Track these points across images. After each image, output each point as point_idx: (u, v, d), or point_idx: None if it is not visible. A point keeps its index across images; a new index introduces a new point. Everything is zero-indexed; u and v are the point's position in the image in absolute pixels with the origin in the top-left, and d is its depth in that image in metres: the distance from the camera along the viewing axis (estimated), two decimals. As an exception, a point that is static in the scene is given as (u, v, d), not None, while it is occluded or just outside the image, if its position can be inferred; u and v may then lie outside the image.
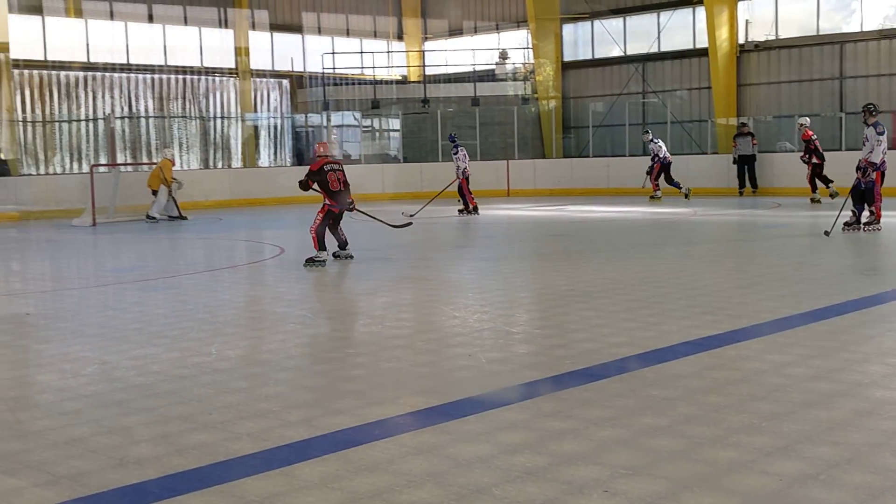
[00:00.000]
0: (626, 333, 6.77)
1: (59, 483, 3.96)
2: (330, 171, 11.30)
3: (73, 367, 6.19)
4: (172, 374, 5.91)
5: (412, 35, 33.71)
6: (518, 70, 31.31)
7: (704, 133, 26.86)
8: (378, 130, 30.78)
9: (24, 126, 25.41)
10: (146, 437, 4.56)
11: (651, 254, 12.39)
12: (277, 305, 8.88)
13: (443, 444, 4.33)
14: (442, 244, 14.81)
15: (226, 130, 29.35)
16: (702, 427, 4.50)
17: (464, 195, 19.39)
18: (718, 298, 8.49)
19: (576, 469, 3.94)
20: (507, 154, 27.75)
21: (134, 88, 27.37)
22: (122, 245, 15.72)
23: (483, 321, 7.62)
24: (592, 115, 28.95)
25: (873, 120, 13.46)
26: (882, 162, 13.42)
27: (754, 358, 6.02)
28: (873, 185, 13.41)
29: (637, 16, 28.78)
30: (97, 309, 8.92)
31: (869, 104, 13.75)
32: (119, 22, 27.06)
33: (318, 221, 11.25)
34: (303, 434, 4.55)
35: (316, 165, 11.40)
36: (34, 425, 4.92)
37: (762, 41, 26.09)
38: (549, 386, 5.43)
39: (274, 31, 30.40)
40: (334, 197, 11.32)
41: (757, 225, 16.53)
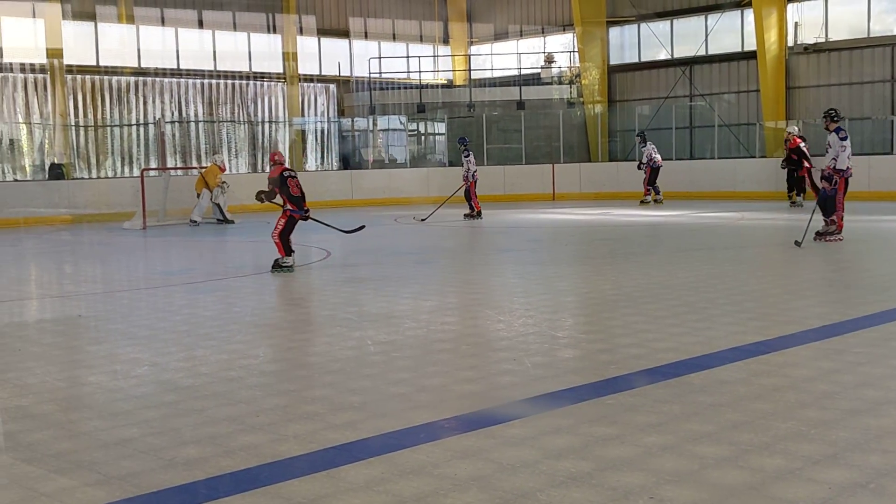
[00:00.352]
0: (672, 339, 6.72)
1: (109, 483, 4.03)
2: (289, 178, 11.47)
3: (123, 368, 6.30)
4: (220, 375, 5.98)
5: (458, 39, 33.76)
6: (564, 74, 31.22)
7: (752, 137, 26.58)
8: (423, 134, 30.87)
9: (76, 131, 25.87)
10: (195, 439, 4.63)
11: (698, 258, 12.29)
12: (323, 308, 8.94)
13: (487, 448, 4.34)
14: (487, 248, 14.81)
15: (274, 135, 29.62)
16: (749, 434, 4.46)
17: (469, 199, 19.39)
18: (766, 304, 8.41)
19: (621, 475, 3.93)
20: (552, 158, 27.70)
21: (184, 93, 27.72)
22: (172, 248, 15.94)
23: (528, 325, 7.62)
24: (638, 118, 28.78)
25: (835, 126, 13.09)
26: (847, 168, 13.06)
27: (802, 364, 5.95)
28: (835, 194, 13.07)
29: (684, 18, 28.56)
30: (147, 311, 9.05)
31: (830, 109, 13.36)
32: (170, 28, 27.43)
33: (280, 227, 11.30)
34: (349, 437, 4.59)
35: (275, 173, 11.57)
36: (85, 426, 5.01)
37: (812, 44, 25.75)
38: (594, 391, 5.42)
39: (321, 36, 30.63)
40: (296, 202, 11.43)
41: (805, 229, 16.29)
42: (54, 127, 25.12)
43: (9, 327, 8.40)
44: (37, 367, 6.45)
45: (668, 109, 28.11)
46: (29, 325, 8.67)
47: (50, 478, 4.12)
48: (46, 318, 9.08)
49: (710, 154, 26.73)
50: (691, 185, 25.15)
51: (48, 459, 4.37)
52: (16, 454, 4.47)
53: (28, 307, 9.81)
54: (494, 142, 28.56)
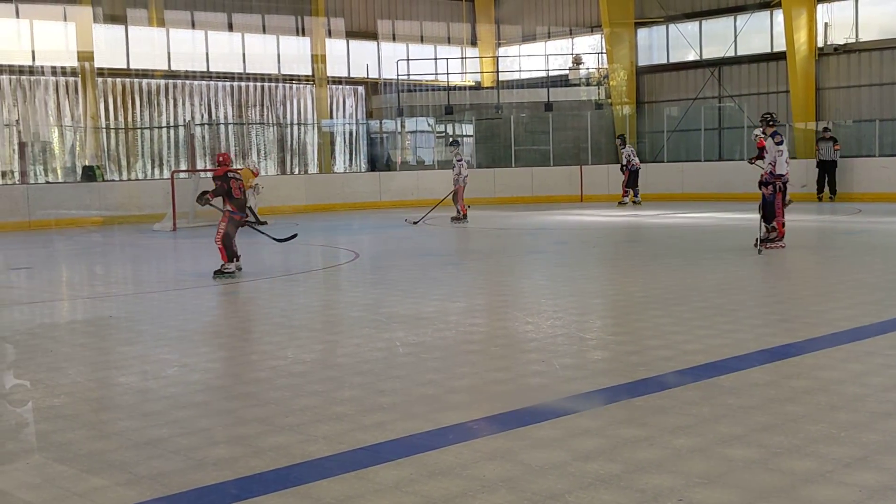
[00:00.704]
0: (701, 341, 6.69)
1: (139, 482, 4.07)
2: (232, 179, 11.40)
3: (153, 369, 6.35)
4: (250, 376, 6.02)
5: (486, 41, 33.76)
6: (592, 75, 31.13)
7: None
8: (451, 136, 30.89)
9: (107, 133, 26.12)
10: (224, 439, 4.66)
11: (727, 260, 12.21)
12: (352, 310, 8.98)
13: (516, 449, 4.34)
14: (515, 250, 14.80)
15: (302, 137, 29.76)
16: (779, 436, 4.43)
17: (456, 202, 19.39)
18: (795, 306, 8.35)
19: (650, 477, 3.92)
20: (580, 159, 27.62)
21: (214, 96, 27.91)
22: (202, 249, 16.04)
23: (557, 327, 7.61)
24: (667, 119, 28.64)
25: (771, 130, 12.94)
26: (786, 174, 12.88)
27: (832, 367, 5.90)
28: (774, 199, 12.91)
29: (713, 19, 28.39)
30: (177, 312, 9.12)
31: (767, 114, 13.22)
32: (200, 31, 27.63)
33: (222, 231, 11.09)
34: (378, 437, 4.60)
35: (220, 172, 11.55)
36: (116, 426, 5.06)
37: (842, 44, 25.51)
38: (622, 393, 5.40)
39: (350, 39, 30.74)
40: (236, 203, 11.35)
41: (836, 231, 16.18)
42: (85, 129, 25.39)
43: (41, 328, 8.50)
44: (69, 367, 6.52)
45: (696, 110, 27.96)
46: (61, 326, 8.77)
47: (82, 477, 4.17)
48: (78, 320, 9.18)
49: (740, 155, 26.55)
50: (721, 187, 24.98)
51: (80, 459, 4.42)
52: (48, 454, 4.53)
53: (60, 308, 9.91)
54: (522, 143, 28.52)
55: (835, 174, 22.68)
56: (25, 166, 24.11)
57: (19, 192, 21.15)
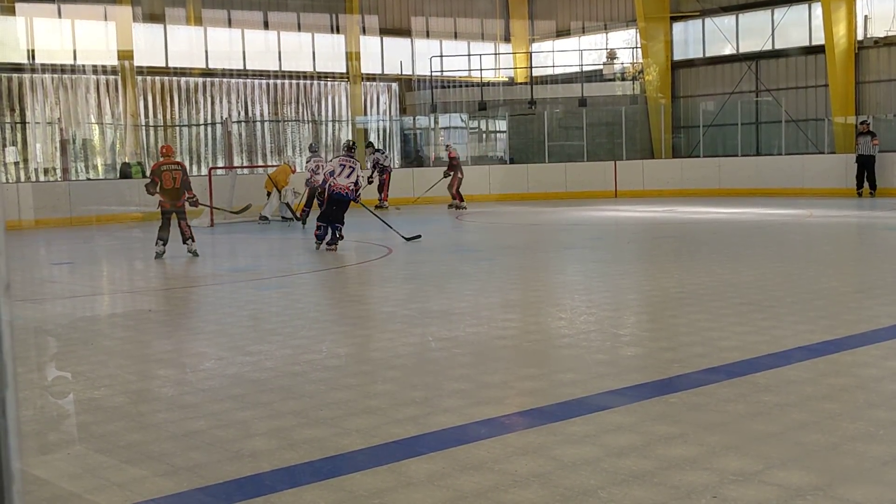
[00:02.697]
0: (737, 337, 6.64)
1: (177, 474, 4.13)
2: (165, 171, 12.94)
3: (191, 362, 6.43)
4: (285, 370, 6.07)
5: (519, 37, 33.67)
6: (626, 70, 30.96)
7: (821, 132, 26.08)
8: (485, 132, 30.86)
9: (146, 130, 26.40)
10: (260, 431, 4.71)
11: (764, 256, 12.11)
12: (385, 305, 9.01)
13: (549, 444, 4.35)
14: (548, 245, 14.77)
15: (337, 133, 29.88)
16: (816, 434, 4.39)
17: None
18: (835, 302, 8.26)
19: (684, 474, 3.91)
20: (614, 155, 27.47)
21: (250, 93, 28.10)
22: (238, 245, 16.18)
23: (590, 323, 7.59)
24: (703, 114, 28.40)
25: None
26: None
27: (872, 364, 5.84)
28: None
29: (750, 13, 28.12)
30: (214, 307, 9.21)
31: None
32: (236, 29, 27.82)
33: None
34: (410, 431, 4.63)
35: (156, 165, 13.17)
36: (155, 418, 5.13)
37: (882, 37, 25.15)
38: (656, 389, 5.38)
39: (384, 36, 30.80)
40: (164, 194, 12.92)
41: (876, 227, 15.98)
42: (125, 127, 25.67)
43: (82, 321, 8.62)
44: (108, 360, 6.62)
45: (733, 105, 27.70)
46: (101, 319, 8.89)
47: (121, 468, 4.23)
48: (118, 313, 9.30)
49: (777, 150, 26.29)
50: (758, 182, 24.75)
51: (119, 450, 4.48)
52: (88, 445, 4.60)
53: (100, 302, 10.05)
54: (556, 139, 28.42)
55: (874, 169, 22.36)
56: (67, 163, 24.41)
57: (61, 189, 21.43)
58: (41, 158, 24.66)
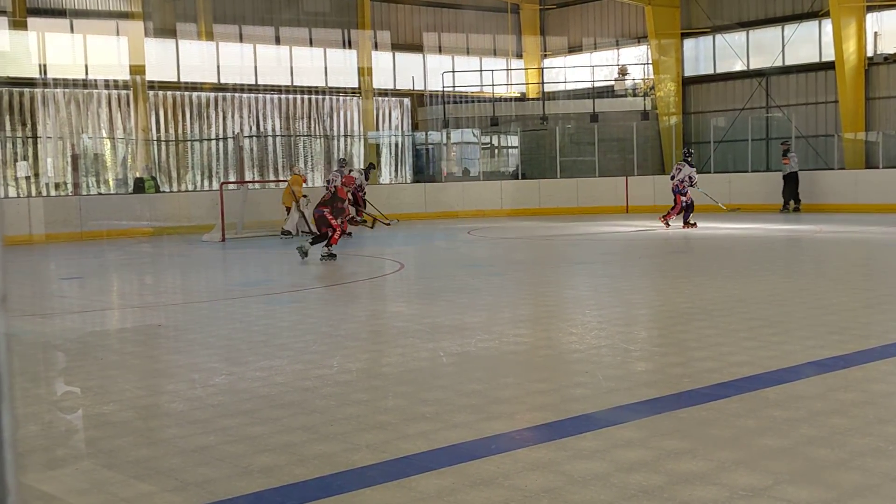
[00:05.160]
0: (747, 353, 6.63)
1: (186, 489, 4.13)
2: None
3: (201, 377, 6.44)
4: (296, 385, 6.08)
5: (531, 52, 33.76)
6: (638, 86, 30.99)
7: (831, 148, 26.03)
8: (497, 147, 30.91)
9: (158, 145, 26.53)
10: (270, 447, 4.71)
11: (775, 271, 12.09)
12: (397, 320, 9.02)
13: (559, 460, 4.34)
14: (559, 261, 14.78)
15: (349, 148, 29.98)
16: (825, 449, 4.38)
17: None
18: (845, 318, 8.23)
19: (693, 489, 3.90)
20: (626, 170, 27.47)
21: (262, 108, 28.24)
22: (250, 260, 16.22)
23: (601, 338, 7.58)
24: (714, 130, 28.39)
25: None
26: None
27: (881, 380, 5.82)
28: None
29: (760, 29, 28.14)
30: (225, 321, 9.23)
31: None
32: (248, 44, 27.99)
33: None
34: (421, 447, 4.63)
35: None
36: (164, 433, 5.14)
37: (892, 53, 25.13)
38: (666, 404, 5.37)
39: (396, 51, 30.93)
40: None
41: (885, 243, 15.93)
42: (137, 142, 25.81)
43: (91, 336, 8.65)
44: (118, 375, 6.63)
45: (743, 121, 27.69)
46: (111, 334, 8.92)
47: (129, 483, 4.24)
48: (128, 328, 9.33)
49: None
50: (768, 198, 24.69)
51: (128, 466, 4.49)
52: (97, 460, 4.61)
53: (110, 317, 10.08)
54: (568, 154, 28.45)
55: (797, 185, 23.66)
56: (78, 178, 24.57)
57: (72, 204, 21.54)
58: (52, 173, 24.81)
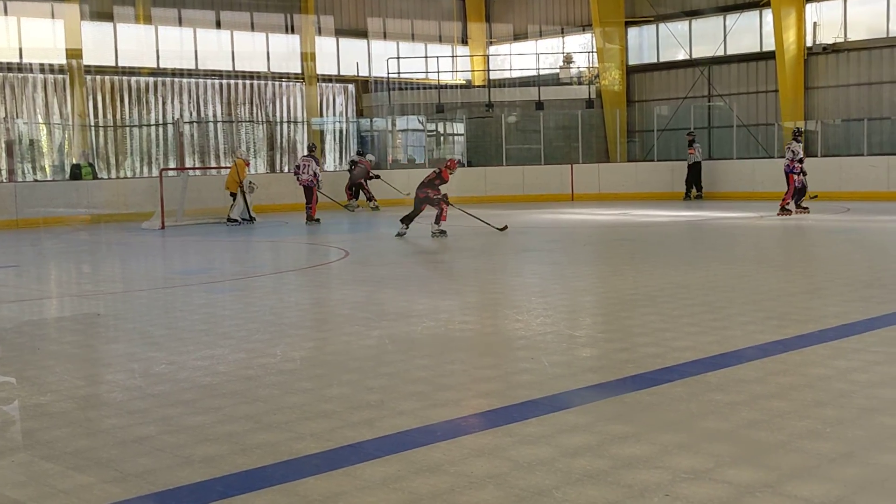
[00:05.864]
0: (689, 338, 6.70)
1: (126, 480, 4.06)
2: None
3: (141, 366, 6.33)
4: (238, 374, 6.01)
5: (477, 39, 33.75)
6: (583, 74, 31.17)
7: (771, 137, 26.46)
8: (442, 135, 30.87)
9: (95, 131, 26.02)
10: (212, 437, 4.65)
11: (716, 258, 12.25)
12: (342, 308, 8.97)
13: (504, 446, 4.34)
14: (506, 248, 14.81)
15: (292, 135, 29.70)
16: (765, 432, 4.45)
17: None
18: (784, 303, 8.37)
19: (637, 473, 3.93)
20: (571, 158, 27.64)
21: (202, 94, 27.83)
22: (190, 247, 16.01)
23: (546, 325, 7.61)
24: (657, 118, 28.69)
25: None
26: None
27: (819, 363, 5.92)
28: None
29: (703, 19, 28.46)
30: (165, 310, 9.10)
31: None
32: (188, 28, 27.55)
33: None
34: (365, 435, 4.60)
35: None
36: (103, 423, 5.04)
37: (830, 44, 25.61)
38: (611, 390, 5.41)
39: (340, 37, 30.69)
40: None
41: (826, 230, 16.24)
42: (74, 127, 25.29)
43: (28, 326, 8.46)
44: (55, 365, 6.50)
45: (686, 110, 28.02)
46: (48, 323, 8.74)
47: (67, 475, 4.15)
48: (65, 317, 9.15)
49: (729, 154, 26.63)
50: (710, 186, 25.07)
51: (66, 457, 4.40)
52: (34, 451, 4.51)
53: (47, 306, 9.88)
54: (513, 142, 28.54)
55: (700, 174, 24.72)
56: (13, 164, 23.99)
57: (7, 191, 21.07)
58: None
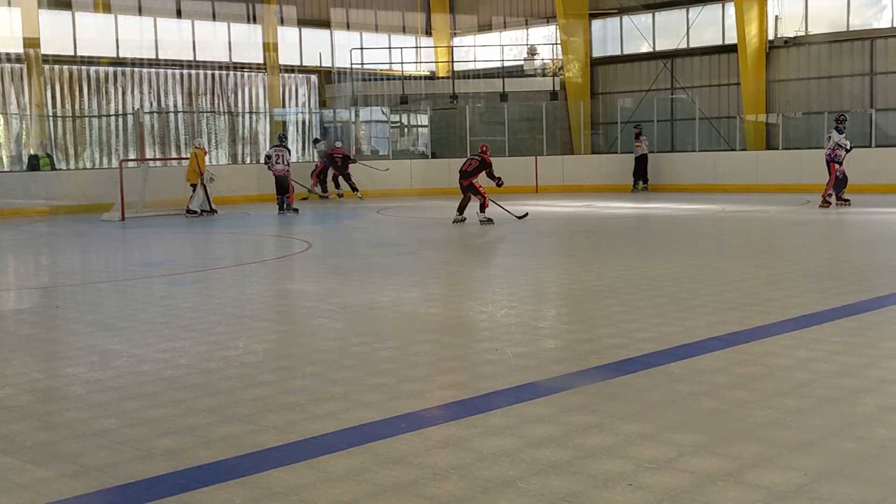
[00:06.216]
0: (652, 329, 6.74)
1: (86, 474, 4.01)
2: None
3: (101, 359, 6.25)
4: (200, 367, 5.95)
5: (441, 31, 33.69)
6: (547, 66, 31.23)
7: (733, 130, 26.70)
8: (406, 126, 30.81)
9: (54, 121, 25.65)
10: (173, 430, 4.60)
11: (679, 250, 12.34)
12: (305, 300, 8.92)
13: (468, 437, 4.34)
14: (470, 240, 14.81)
15: (254, 126, 29.48)
16: (727, 422, 4.49)
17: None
18: (746, 294, 8.45)
19: (600, 463, 3.94)
20: (535, 150, 27.69)
21: (163, 84, 27.54)
22: (151, 239, 15.85)
23: (510, 316, 7.62)
24: (621, 111, 28.83)
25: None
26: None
27: (780, 354, 5.98)
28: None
29: (666, 11, 28.63)
30: (126, 302, 9.00)
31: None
32: (148, 17, 27.23)
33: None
34: (329, 427, 4.58)
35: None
36: (63, 417, 4.97)
37: (792, 37, 25.87)
38: (575, 380, 5.43)
39: (302, 27, 30.49)
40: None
41: (785, 221, 16.41)
42: (31, 117, 24.90)
43: (-14, 318, 8.33)
44: (14, 358, 6.40)
45: (649, 102, 28.18)
46: (6, 316, 8.60)
47: (26, 469, 4.09)
48: (24, 309, 9.01)
49: (692, 147, 26.83)
50: (673, 178, 25.25)
51: (25, 451, 4.33)
52: (-8, 445, 4.44)
53: (5, 298, 9.73)
54: (478, 134, 28.51)
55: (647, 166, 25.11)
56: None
57: (-36, 182, 20.72)
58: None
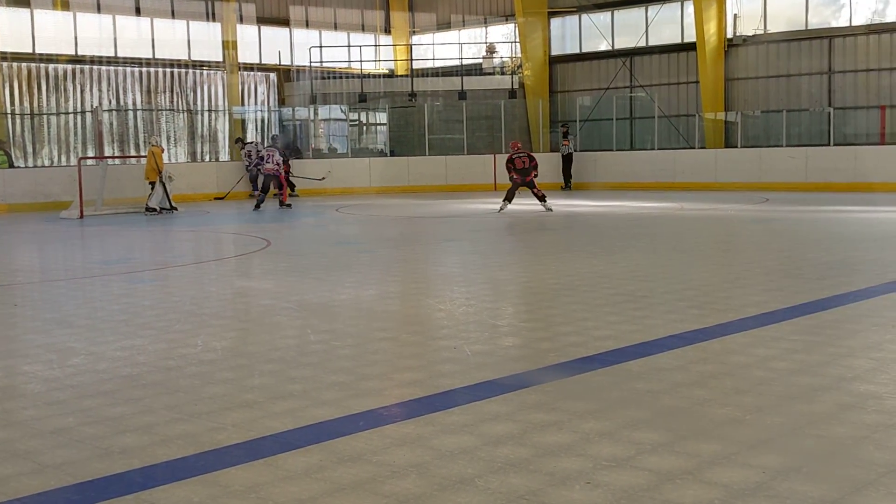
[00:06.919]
0: (611, 327, 6.79)
1: (44, 472, 3.97)
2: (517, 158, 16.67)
3: (59, 357, 6.19)
4: (158, 365, 5.91)
5: (399, 29, 33.65)
6: (505, 64, 31.31)
7: (692, 128, 26.94)
8: (365, 124, 30.74)
9: (12, 119, 25.28)
10: (132, 427, 4.57)
11: (638, 248, 12.43)
12: (264, 298, 8.88)
13: (427, 435, 4.35)
14: (428, 238, 14.82)
15: (213, 124, 29.25)
16: (685, 420, 4.53)
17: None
18: (704, 292, 8.52)
19: (559, 461, 3.97)
20: (493, 148, 27.75)
21: (122, 81, 27.24)
22: (110, 237, 15.68)
23: (469, 314, 7.64)
24: (580, 109, 28.98)
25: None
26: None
27: (739, 352, 6.05)
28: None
29: (625, 10, 28.81)
30: (84, 300, 8.90)
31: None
32: (107, 15, 26.92)
33: None
34: (287, 425, 4.56)
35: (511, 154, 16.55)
36: (20, 415, 4.92)
37: (750, 35, 26.16)
38: (533, 378, 5.45)
39: (261, 25, 30.31)
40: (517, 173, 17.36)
41: (744, 220, 16.60)
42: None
43: (-61, 318, 8.19)
44: (-32, 357, 6.31)
45: (608, 100, 28.35)
46: (-40, 315, 8.47)
47: (-19, 469, 4.04)
48: (-22, 309, 8.87)
49: (651, 145, 27.04)
50: (631, 176, 25.43)
51: (-20, 451, 4.28)
52: (-54, 446, 4.38)
53: (-41, 297, 9.57)
54: (436, 132, 28.54)
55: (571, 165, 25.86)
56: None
57: (-83, 179, 20.35)
58: None
